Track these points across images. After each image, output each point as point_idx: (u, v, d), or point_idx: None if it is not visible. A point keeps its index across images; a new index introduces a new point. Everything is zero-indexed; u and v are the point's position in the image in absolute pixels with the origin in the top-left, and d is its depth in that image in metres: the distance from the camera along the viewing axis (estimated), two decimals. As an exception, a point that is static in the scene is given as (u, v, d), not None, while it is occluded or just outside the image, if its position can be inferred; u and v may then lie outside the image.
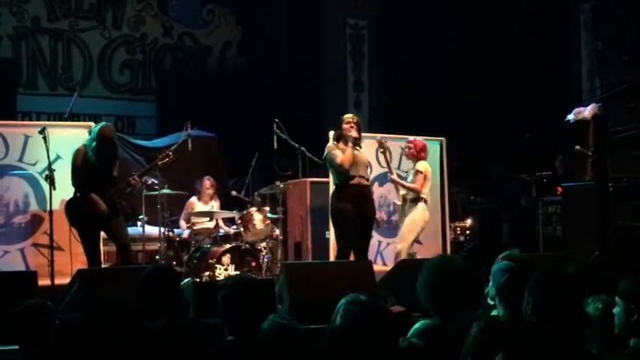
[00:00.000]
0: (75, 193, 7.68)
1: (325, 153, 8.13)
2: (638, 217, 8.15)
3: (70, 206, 7.70)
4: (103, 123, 8.10)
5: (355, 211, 7.89)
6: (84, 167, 7.62)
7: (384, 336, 3.22)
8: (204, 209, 9.91)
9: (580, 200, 9.30)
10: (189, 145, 9.43)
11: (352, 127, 8.12)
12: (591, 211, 8.96)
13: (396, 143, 9.98)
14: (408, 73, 12.65)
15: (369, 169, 8.33)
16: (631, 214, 8.28)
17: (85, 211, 7.61)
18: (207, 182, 10.07)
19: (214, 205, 10.02)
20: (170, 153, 8.32)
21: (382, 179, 9.80)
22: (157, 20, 12.82)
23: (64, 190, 7.98)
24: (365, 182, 8.09)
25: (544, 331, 3.22)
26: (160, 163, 8.30)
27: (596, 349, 3.52)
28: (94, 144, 7.64)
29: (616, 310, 3.44)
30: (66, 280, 7.01)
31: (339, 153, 7.99)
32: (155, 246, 9.30)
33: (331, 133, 8.25)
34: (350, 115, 8.43)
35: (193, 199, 10.07)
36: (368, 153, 9.65)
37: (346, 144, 8.02)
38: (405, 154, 8.94)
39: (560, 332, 3.25)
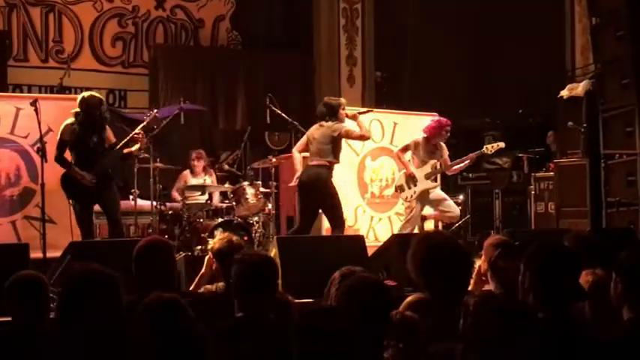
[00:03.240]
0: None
1: (338, 130, 8.12)
2: (630, 193, 8.16)
3: (63, 181, 7.71)
4: (87, 93, 8.05)
5: None
6: (70, 142, 7.61)
7: (380, 307, 3.23)
8: (197, 182, 9.90)
9: (572, 176, 9.32)
10: (182, 119, 9.41)
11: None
12: (583, 188, 8.98)
13: (390, 118, 9.99)
14: (401, 47, 12.62)
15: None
16: (623, 191, 8.30)
17: (73, 186, 7.62)
18: (193, 154, 10.06)
19: (207, 179, 10.01)
20: (155, 113, 8.29)
21: (374, 154, 9.81)
22: (149, -7, 12.73)
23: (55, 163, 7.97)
24: None
25: (540, 306, 3.23)
26: (146, 123, 8.27)
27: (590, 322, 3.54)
28: (79, 116, 7.63)
29: (612, 283, 3.46)
30: (57, 253, 7.00)
31: (350, 129, 8.18)
32: (147, 219, 9.29)
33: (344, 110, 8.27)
34: (344, 101, 8.52)
35: (187, 171, 10.06)
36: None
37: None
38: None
39: (557, 306, 3.26)
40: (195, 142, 10.63)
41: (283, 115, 9.21)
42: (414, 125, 9.90)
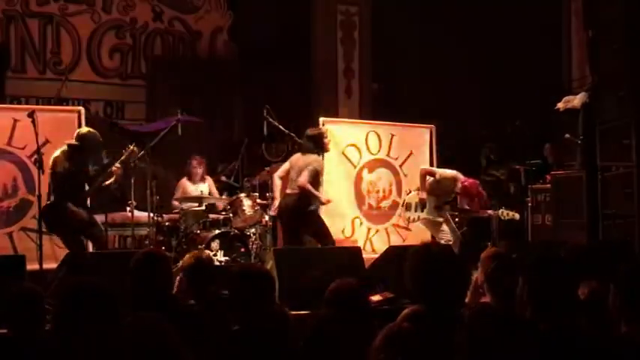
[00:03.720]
0: (53, 200, 7.69)
1: (317, 165, 8.27)
2: (627, 206, 8.17)
3: (49, 212, 7.71)
4: (85, 129, 8.06)
5: None
6: (63, 174, 7.64)
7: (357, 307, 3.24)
8: (194, 189, 9.88)
9: (569, 188, 9.32)
10: (179, 130, 9.42)
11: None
12: (580, 200, 8.98)
13: (387, 130, 10.01)
14: (398, 60, 12.64)
15: None
16: (620, 203, 8.30)
17: (63, 219, 7.64)
18: (194, 161, 10.05)
19: (204, 187, 9.98)
20: (134, 148, 8.28)
21: (372, 166, 9.82)
22: (146, 4, 12.75)
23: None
24: None
25: (537, 318, 3.23)
26: (128, 159, 8.27)
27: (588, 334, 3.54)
28: (75, 150, 7.67)
29: (610, 295, 3.46)
30: (54, 265, 7.01)
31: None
32: (144, 231, 9.29)
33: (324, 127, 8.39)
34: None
35: (184, 179, 10.05)
36: (358, 139, 9.71)
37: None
38: None
39: (554, 319, 3.26)
40: (193, 154, 10.63)
41: (280, 126, 9.23)
42: (412, 137, 9.93)
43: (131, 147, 8.32)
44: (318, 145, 8.38)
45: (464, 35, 12.14)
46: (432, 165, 9.86)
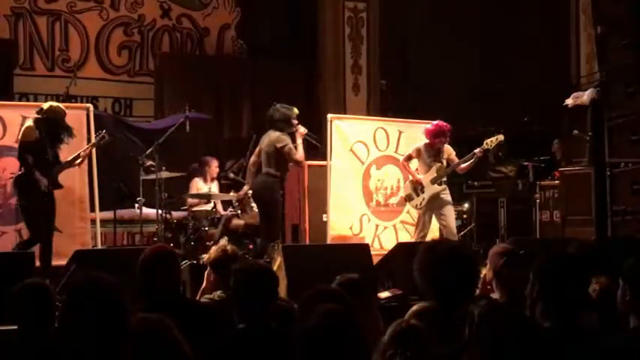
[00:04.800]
0: (21, 170, 7.70)
1: (284, 143, 8.38)
2: (636, 202, 8.15)
3: (18, 182, 7.72)
4: (52, 102, 8.08)
5: None
6: (33, 145, 7.63)
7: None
8: (206, 189, 9.90)
9: (577, 185, 9.31)
10: (187, 127, 9.44)
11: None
12: (589, 196, 8.97)
13: (395, 127, 10.00)
14: (406, 56, 12.63)
15: None
16: (629, 199, 8.28)
17: (29, 189, 7.62)
18: (215, 162, 10.12)
19: (213, 187, 10.02)
20: (105, 134, 8.26)
21: (380, 162, 9.81)
22: (154, 1, 12.76)
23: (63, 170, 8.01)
24: None
25: (548, 316, 3.23)
26: (99, 142, 8.25)
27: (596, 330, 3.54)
28: (43, 122, 7.66)
29: (619, 290, 3.46)
30: (63, 261, 7.03)
31: (293, 148, 8.39)
32: (152, 228, 9.30)
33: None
34: (297, 111, 8.70)
35: (197, 179, 10.04)
36: (366, 136, 9.70)
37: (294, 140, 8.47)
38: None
39: (566, 316, 3.26)
40: (201, 151, 10.64)
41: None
42: (419, 133, 9.90)
43: (102, 133, 8.31)
44: (285, 122, 8.52)
45: (472, 31, 12.13)
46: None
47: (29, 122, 7.76)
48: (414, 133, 9.93)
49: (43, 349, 3.58)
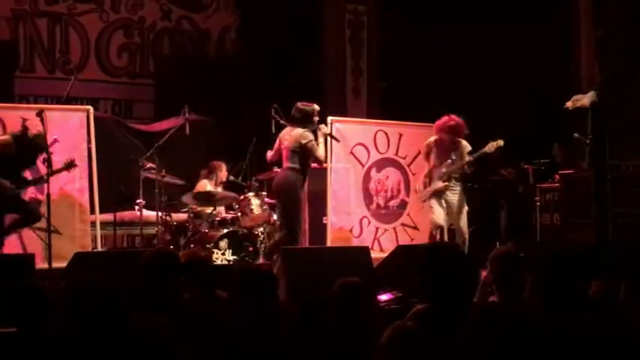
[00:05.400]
0: None
1: (308, 139, 8.30)
2: (636, 205, 8.15)
3: None
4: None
5: None
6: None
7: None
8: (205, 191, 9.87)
9: (578, 187, 9.31)
10: (187, 129, 9.43)
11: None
12: (589, 199, 8.96)
13: (396, 129, 10.00)
14: (407, 59, 12.62)
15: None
16: (629, 202, 8.28)
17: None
18: (224, 165, 10.07)
19: (218, 189, 9.99)
20: (73, 161, 8.24)
21: (380, 165, 9.81)
22: (155, 3, 12.77)
23: (62, 173, 8.00)
24: None
25: (545, 318, 3.23)
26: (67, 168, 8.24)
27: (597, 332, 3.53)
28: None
29: (620, 293, 3.46)
30: (63, 264, 7.02)
31: (316, 145, 8.30)
32: (153, 230, 9.30)
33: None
34: (317, 107, 8.63)
35: (206, 181, 9.99)
36: (366, 139, 9.70)
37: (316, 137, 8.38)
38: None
39: (565, 317, 3.26)
40: (201, 153, 10.63)
41: (288, 125, 9.23)
42: (420, 136, 9.91)
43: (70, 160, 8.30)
44: (307, 120, 8.44)
45: (472, 34, 12.11)
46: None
47: (8, 137, 7.82)
48: (415, 136, 9.94)
49: (42, 351, 3.57)
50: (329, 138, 8.82)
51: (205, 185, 9.94)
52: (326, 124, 9.13)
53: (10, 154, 7.68)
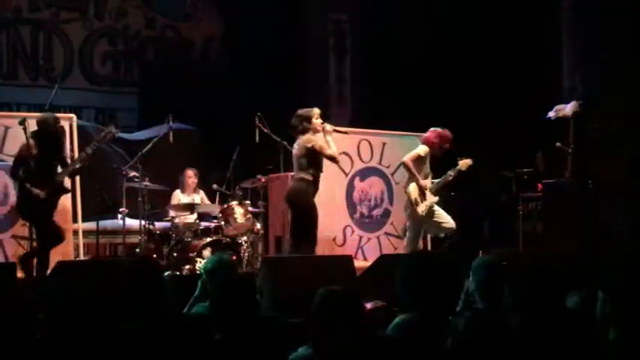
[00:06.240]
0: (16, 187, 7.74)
1: (312, 142, 8.05)
2: (617, 214, 8.20)
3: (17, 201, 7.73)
4: (45, 114, 8.10)
5: None
6: (24, 158, 7.63)
7: (354, 324, 3.24)
8: (188, 200, 9.89)
9: (560, 197, 9.35)
10: (171, 138, 9.42)
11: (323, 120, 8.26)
12: (571, 208, 9.01)
13: (379, 138, 10.02)
14: (390, 67, 12.66)
15: None
16: (610, 211, 8.33)
17: (24, 202, 7.63)
18: (190, 172, 10.07)
19: (196, 198, 10.00)
20: (112, 131, 8.25)
21: (363, 174, 9.83)
22: (139, 12, 12.76)
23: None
24: None
25: (525, 327, 3.24)
26: (105, 139, 8.25)
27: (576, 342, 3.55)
28: (34, 134, 7.68)
29: (598, 302, 3.47)
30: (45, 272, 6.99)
31: (325, 144, 8.00)
32: (135, 239, 9.27)
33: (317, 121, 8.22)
34: (318, 110, 8.44)
35: (177, 191, 10.05)
36: (350, 148, 9.72)
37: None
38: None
39: (539, 327, 3.27)
40: (185, 161, 10.62)
41: (272, 134, 9.24)
42: (403, 145, 9.94)
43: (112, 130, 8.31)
44: (306, 125, 8.18)
45: (455, 42, 12.16)
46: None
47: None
48: (398, 145, 9.97)
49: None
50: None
51: (177, 195, 9.95)
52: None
53: (33, 155, 7.66)
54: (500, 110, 11.84)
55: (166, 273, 7.44)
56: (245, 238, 9.31)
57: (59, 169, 7.86)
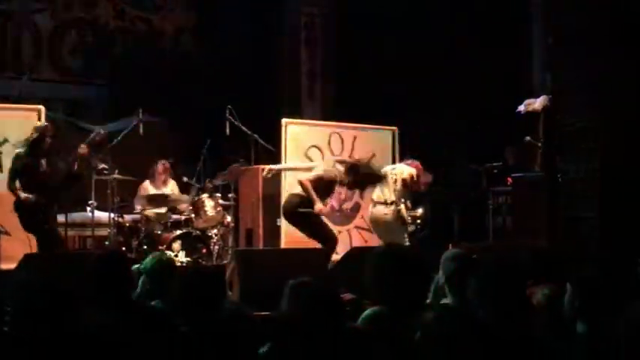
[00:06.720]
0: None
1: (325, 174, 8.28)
2: (586, 209, 8.25)
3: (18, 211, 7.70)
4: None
5: None
6: (21, 170, 7.63)
7: (331, 318, 3.24)
8: (153, 192, 9.81)
9: (529, 191, 9.39)
10: (141, 130, 9.36)
11: None
12: (541, 202, 9.05)
13: (350, 132, 10.03)
14: (362, 62, 12.67)
15: None
16: (580, 206, 8.38)
17: (27, 212, 7.60)
18: (161, 167, 9.99)
19: (166, 190, 9.92)
20: (100, 132, 8.27)
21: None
22: (108, 3, 12.65)
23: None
24: None
25: (491, 320, 3.25)
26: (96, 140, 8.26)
27: (544, 335, 3.57)
28: (26, 146, 7.67)
29: (566, 296, 3.50)
30: (13, 265, 6.93)
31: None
32: (104, 232, 9.21)
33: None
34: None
35: (146, 182, 9.97)
36: (320, 141, 9.72)
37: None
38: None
39: (505, 320, 3.28)
40: (154, 153, 10.55)
41: (242, 127, 9.21)
42: (374, 139, 9.95)
43: (99, 131, 8.29)
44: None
45: (426, 36, 12.18)
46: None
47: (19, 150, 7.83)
48: (369, 139, 9.98)
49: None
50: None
51: (146, 187, 9.89)
52: (281, 127, 9.15)
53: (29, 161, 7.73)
54: (471, 103, 11.89)
55: (135, 266, 7.38)
56: (215, 230, 9.29)
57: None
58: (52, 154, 7.90)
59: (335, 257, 8.33)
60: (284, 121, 9.50)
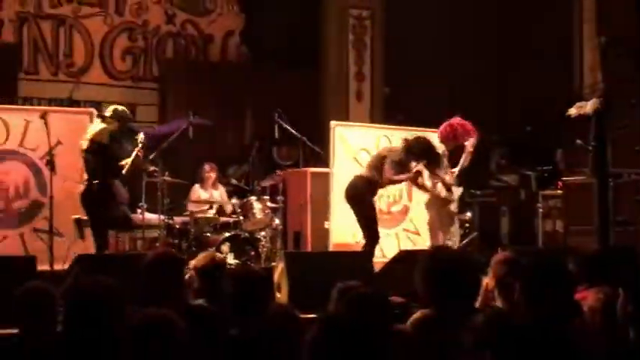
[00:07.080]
0: (95, 181, 7.73)
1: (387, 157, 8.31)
2: (638, 213, 8.15)
3: (90, 194, 7.74)
4: (118, 106, 8.14)
5: None
6: (107, 153, 7.71)
7: (379, 321, 3.24)
8: (206, 196, 9.91)
9: (580, 195, 9.30)
10: (191, 133, 9.44)
11: None
12: (591, 206, 8.96)
13: (398, 135, 9.99)
14: (410, 63, 12.63)
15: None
16: (631, 209, 8.28)
17: (105, 199, 7.68)
18: (207, 167, 10.09)
19: (215, 194, 10.01)
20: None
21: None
22: (159, 7, 12.78)
23: (65, 175, 8.01)
24: None
25: (538, 324, 3.23)
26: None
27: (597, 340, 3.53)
28: (113, 127, 7.72)
29: (619, 301, 3.45)
30: (65, 266, 7.04)
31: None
32: (154, 233, 9.30)
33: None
34: None
35: (196, 186, 10.06)
36: (369, 144, 9.71)
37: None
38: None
39: (552, 324, 3.25)
40: (204, 157, 10.64)
41: (292, 130, 9.24)
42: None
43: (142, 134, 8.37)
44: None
45: (476, 39, 12.13)
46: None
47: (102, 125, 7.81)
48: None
49: (44, 354, 3.58)
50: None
51: (197, 190, 9.98)
52: (328, 129, 9.16)
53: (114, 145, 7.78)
54: (522, 107, 11.81)
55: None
56: (263, 233, 9.33)
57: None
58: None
59: (382, 260, 8.32)
60: (332, 123, 9.51)
